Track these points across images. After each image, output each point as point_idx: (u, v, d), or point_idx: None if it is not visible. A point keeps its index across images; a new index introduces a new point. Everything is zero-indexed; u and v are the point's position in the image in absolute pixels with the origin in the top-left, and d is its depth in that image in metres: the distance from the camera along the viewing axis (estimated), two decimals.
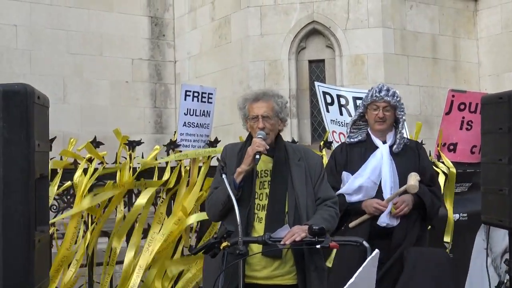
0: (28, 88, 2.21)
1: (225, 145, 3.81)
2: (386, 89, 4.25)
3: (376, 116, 4.24)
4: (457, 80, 10.16)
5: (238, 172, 3.46)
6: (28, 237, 2.20)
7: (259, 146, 3.43)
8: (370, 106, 4.27)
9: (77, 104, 10.60)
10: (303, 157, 3.63)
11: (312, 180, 3.59)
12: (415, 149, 4.40)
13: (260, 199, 3.51)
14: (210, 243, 3.17)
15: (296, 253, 3.42)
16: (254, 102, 3.60)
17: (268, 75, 9.72)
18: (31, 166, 2.21)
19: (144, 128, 11.08)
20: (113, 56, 11.00)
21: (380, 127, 4.26)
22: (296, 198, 3.48)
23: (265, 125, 3.54)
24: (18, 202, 2.19)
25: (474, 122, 5.55)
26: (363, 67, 9.44)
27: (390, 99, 4.22)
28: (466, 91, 5.83)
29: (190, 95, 4.96)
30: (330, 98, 5.65)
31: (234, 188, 3.39)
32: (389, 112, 4.25)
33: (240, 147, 3.67)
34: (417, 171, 4.22)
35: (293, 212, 3.46)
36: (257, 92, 3.68)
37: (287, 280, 3.46)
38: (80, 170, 4.48)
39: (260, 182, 3.54)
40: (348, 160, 4.31)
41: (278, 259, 3.43)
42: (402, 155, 4.27)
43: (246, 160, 3.46)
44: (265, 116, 3.55)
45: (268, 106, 3.57)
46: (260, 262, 3.44)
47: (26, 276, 2.20)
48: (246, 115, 3.63)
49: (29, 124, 2.20)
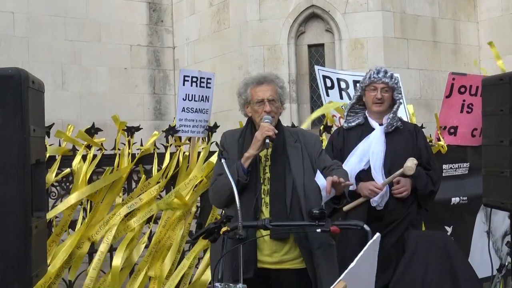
0: (22, 73, 2.18)
1: (224, 132, 3.78)
2: (384, 71, 4.25)
3: (374, 97, 4.23)
4: (457, 63, 10.11)
5: (246, 157, 3.44)
6: (25, 223, 2.18)
7: (269, 131, 3.42)
8: (368, 87, 4.27)
9: (76, 91, 10.57)
10: (300, 139, 3.63)
11: (311, 157, 3.59)
12: (413, 131, 4.39)
13: (264, 184, 3.51)
14: (210, 228, 3.14)
15: (298, 234, 3.42)
16: (257, 86, 3.58)
17: (267, 60, 9.68)
18: (26, 152, 2.18)
19: (143, 115, 11.06)
20: (111, 43, 10.95)
21: (378, 108, 4.25)
22: (293, 179, 3.47)
23: (271, 108, 3.53)
24: (14, 188, 2.17)
25: (474, 105, 5.52)
26: (363, 51, 9.39)
27: (388, 80, 4.22)
28: (466, 74, 5.79)
29: (188, 80, 4.92)
30: (330, 82, 5.62)
31: (243, 173, 3.39)
32: (387, 93, 4.24)
33: (240, 133, 3.65)
34: (413, 153, 4.22)
35: (290, 193, 3.46)
36: (259, 76, 3.65)
37: (297, 264, 3.47)
38: (79, 156, 4.45)
39: (263, 167, 3.54)
40: (344, 143, 4.31)
41: (286, 241, 3.44)
42: (396, 136, 4.27)
43: (254, 145, 3.44)
44: (270, 100, 3.54)
45: (272, 89, 3.57)
46: (270, 247, 3.45)
47: (23, 263, 2.18)
48: (248, 100, 3.60)
49: (23, 109, 2.17)
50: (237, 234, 3.05)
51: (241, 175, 3.38)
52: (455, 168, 5.67)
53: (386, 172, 4.18)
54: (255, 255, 3.42)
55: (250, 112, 3.63)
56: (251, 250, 3.40)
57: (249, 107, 3.62)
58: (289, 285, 3.39)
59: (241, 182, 3.39)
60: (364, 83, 4.30)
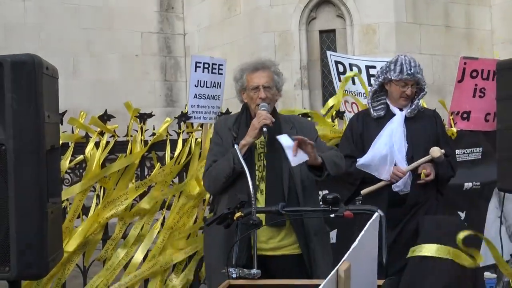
0: (36, 59, 2.18)
1: (219, 118, 3.77)
2: (414, 65, 4.13)
3: (403, 93, 4.15)
4: (470, 48, 10.03)
5: (243, 144, 3.42)
6: (41, 208, 2.19)
7: (266, 119, 3.39)
8: (397, 82, 4.15)
9: (87, 78, 10.59)
10: (295, 126, 3.61)
11: None
12: (432, 116, 4.37)
13: (259, 170, 3.50)
14: (223, 214, 3.14)
15: (295, 220, 3.41)
16: (253, 72, 3.55)
17: (279, 47, 9.65)
18: (41, 138, 2.19)
19: (154, 102, 11.06)
20: (122, 30, 10.95)
21: (406, 102, 4.20)
22: (290, 166, 3.44)
23: (266, 95, 3.50)
24: (30, 174, 2.18)
25: (487, 89, 5.48)
26: (375, 37, 9.34)
27: (420, 76, 4.15)
28: (478, 58, 5.74)
29: (200, 66, 4.91)
30: (342, 68, 5.59)
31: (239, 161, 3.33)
32: (414, 86, 4.17)
33: (235, 119, 3.64)
34: (434, 138, 4.20)
35: (287, 180, 3.46)
36: (255, 62, 3.63)
37: (293, 250, 3.48)
38: (92, 143, 4.46)
39: (258, 154, 3.53)
40: (364, 128, 4.26)
41: (281, 228, 3.44)
42: (417, 121, 4.24)
43: (251, 133, 3.43)
44: (266, 86, 3.51)
45: (268, 75, 3.54)
46: (265, 233, 3.45)
47: (40, 248, 2.19)
48: (244, 86, 3.58)
49: (38, 95, 2.17)
50: (250, 219, 3.06)
51: (237, 162, 3.33)
52: (467, 153, 5.65)
53: (408, 158, 4.16)
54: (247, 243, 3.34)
55: (245, 98, 3.61)
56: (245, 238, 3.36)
57: (245, 94, 3.60)
58: (285, 271, 3.35)
59: (237, 170, 3.36)
60: (393, 75, 4.15)
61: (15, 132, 2.16)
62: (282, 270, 3.38)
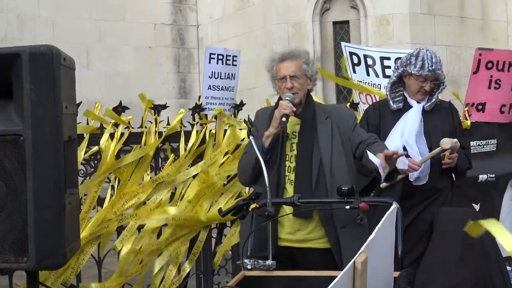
0: (54, 50, 2.19)
1: (257, 110, 3.78)
2: (436, 61, 4.07)
3: (422, 88, 4.10)
4: (485, 40, 9.96)
5: (266, 135, 3.42)
6: (58, 199, 2.20)
7: (286, 109, 3.37)
8: (417, 77, 4.09)
9: (101, 70, 10.63)
10: (331, 115, 3.56)
11: (342, 134, 3.51)
12: (448, 109, 4.34)
13: (290, 161, 3.48)
14: (239, 205, 3.15)
15: (323, 212, 3.39)
16: (281, 62, 3.53)
17: (292, 38, 9.62)
18: (59, 129, 2.20)
19: (167, 93, 11.08)
20: (135, 21, 10.97)
21: (423, 97, 4.16)
22: (320, 157, 3.44)
23: (293, 84, 3.48)
24: (48, 165, 2.18)
25: (502, 80, 5.44)
26: (389, 28, 9.29)
27: (440, 72, 4.10)
28: (493, 49, 5.70)
29: (214, 58, 4.91)
30: (357, 59, 5.57)
31: (262, 152, 3.35)
32: (433, 82, 4.12)
33: (270, 111, 3.62)
34: (451, 130, 4.19)
35: (317, 170, 3.43)
36: (284, 52, 3.60)
37: (322, 243, 3.44)
38: (107, 134, 4.48)
39: (291, 144, 3.51)
40: (381, 119, 4.23)
41: (310, 220, 3.42)
42: (434, 114, 4.21)
43: (273, 123, 3.41)
44: (292, 76, 3.48)
45: (295, 65, 3.50)
46: (293, 225, 3.43)
47: (57, 239, 2.21)
48: (274, 76, 3.58)
49: (56, 86, 2.18)
50: (266, 211, 3.06)
51: (260, 152, 3.32)
52: (482, 145, 5.62)
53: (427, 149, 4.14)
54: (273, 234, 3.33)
55: (277, 88, 3.60)
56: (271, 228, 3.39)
57: (276, 84, 3.60)
58: (314, 265, 3.29)
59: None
60: (413, 70, 4.09)
61: (34, 123, 2.16)
62: (311, 264, 3.34)
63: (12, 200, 2.22)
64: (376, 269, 2.13)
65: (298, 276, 2.76)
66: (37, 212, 2.18)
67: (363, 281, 1.98)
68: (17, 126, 2.20)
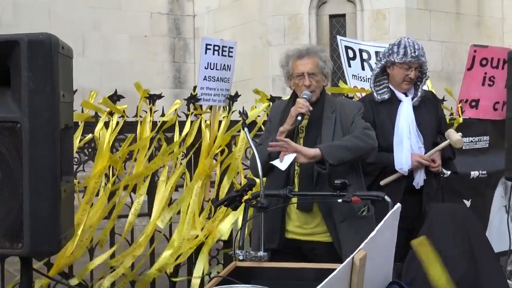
0: (52, 38, 2.20)
1: (272, 104, 3.80)
2: (418, 48, 4.06)
3: (407, 76, 4.08)
4: (480, 36, 9.99)
5: (281, 131, 3.43)
6: (54, 187, 2.22)
7: (302, 108, 3.39)
8: (401, 64, 4.08)
9: (96, 59, 10.61)
10: (337, 109, 3.57)
11: (345, 127, 3.53)
12: (432, 99, 4.36)
13: None
14: (232, 196, 3.17)
15: (323, 207, 3.42)
16: (298, 59, 3.54)
17: (288, 30, 9.63)
18: (56, 117, 2.21)
19: (162, 83, 11.08)
20: (131, 10, 10.95)
21: (408, 86, 4.15)
22: None
23: (311, 82, 3.50)
24: (44, 152, 2.20)
25: (496, 77, 5.47)
26: (385, 22, 9.31)
27: (423, 59, 4.09)
28: (488, 46, 5.73)
29: (210, 48, 4.91)
30: (352, 53, 5.58)
31: None
32: (417, 70, 4.12)
33: (284, 105, 3.65)
34: (436, 122, 4.23)
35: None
36: (301, 49, 3.60)
37: (325, 237, 3.48)
38: (101, 123, 4.48)
39: (298, 139, 3.53)
40: (374, 115, 4.18)
41: (315, 214, 3.45)
42: (422, 107, 4.21)
43: (289, 120, 3.44)
44: (311, 73, 3.50)
45: (313, 62, 3.51)
46: (299, 218, 3.48)
47: (53, 226, 2.22)
48: (290, 73, 3.57)
49: (54, 74, 2.19)
50: (259, 202, 3.08)
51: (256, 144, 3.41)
52: (475, 141, 5.65)
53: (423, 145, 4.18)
54: (280, 226, 3.43)
55: (292, 85, 3.61)
56: (278, 221, 3.43)
57: (292, 80, 3.60)
58: (322, 258, 3.34)
59: (273, 154, 3.39)
60: (396, 58, 4.08)
61: (31, 110, 2.18)
62: (318, 257, 3.39)
63: (8, 186, 2.24)
64: (374, 266, 2.16)
65: (289, 268, 2.78)
66: (33, 199, 2.19)
67: (360, 277, 2.01)
68: (14, 113, 2.21)
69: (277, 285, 2.49)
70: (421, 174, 4.13)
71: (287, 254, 3.32)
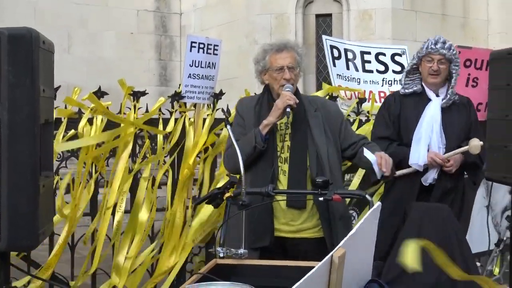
0: (33, 33, 2.19)
1: (240, 98, 3.78)
2: (443, 42, 4.20)
3: (430, 69, 4.19)
4: (465, 38, 10.05)
5: (265, 124, 3.42)
6: (33, 182, 2.20)
7: (290, 100, 3.39)
8: (425, 58, 4.23)
9: (82, 55, 10.57)
10: (319, 107, 3.61)
11: (334, 128, 3.57)
12: (467, 104, 4.41)
13: (282, 152, 3.50)
14: (214, 193, 3.17)
15: (319, 203, 3.41)
16: (277, 53, 3.54)
17: (275, 29, 9.64)
18: (36, 111, 2.20)
19: (148, 81, 11.06)
20: (118, 7, 10.92)
21: (434, 80, 4.23)
22: (317, 149, 3.47)
23: (291, 76, 3.51)
24: (24, 147, 2.18)
25: (480, 79, 5.50)
26: (371, 22, 9.34)
27: (446, 52, 4.18)
28: (472, 47, 5.77)
29: (195, 46, 4.91)
30: (337, 52, 5.60)
31: (261, 140, 3.39)
32: (444, 65, 4.21)
33: (257, 100, 3.64)
34: (467, 127, 4.28)
35: (315, 162, 3.46)
36: (278, 43, 3.61)
37: (315, 233, 3.49)
38: (85, 119, 4.46)
39: (280, 135, 3.53)
40: (401, 110, 4.29)
41: (303, 210, 3.46)
42: (452, 110, 4.28)
43: (274, 113, 3.42)
44: (290, 67, 3.51)
45: (292, 56, 3.53)
46: (287, 215, 3.47)
47: (31, 221, 2.21)
48: (267, 67, 3.57)
49: (34, 68, 2.18)
50: (240, 200, 3.08)
51: (259, 142, 3.38)
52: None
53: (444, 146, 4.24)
54: (271, 224, 3.43)
55: (267, 79, 3.60)
56: (268, 219, 3.42)
57: (266, 75, 3.59)
58: (306, 254, 3.37)
59: (258, 149, 3.39)
60: (421, 53, 4.26)
61: (10, 105, 2.16)
62: (303, 253, 3.41)
63: None
64: (354, 264, 2.16)
65: (270, 265, 2.78)
66: (11, 193, 2.18)
67: (339, 275, 2.01)
68: None
69: (257, 282, 2.48)
70: (433, 172, 4.20)
71: (273, 253, 3.32)
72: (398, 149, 4.20)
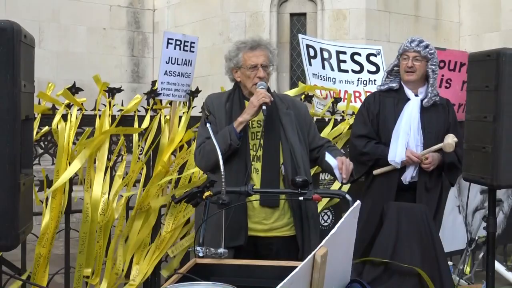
0: (15, 26, 2.14)
1: (209, 95, 3.74)
2: (419, 40, 4.31)
3: (405, 66, 4.29)
4: (437, 39, 10.15)
5: (239, 121, 3.41)
6: (13, 180, 2.15)
7: (266, 97, 3.39)
8: (402, 56, 4.34)
9: (53, 50, 10.43)
10: (290, 106, 3.63)
11: (303, 128, 3.60)
12: (445, 106, 4.46)
13: (254, 150, 3.49)
14: (193, 192, 3.14)
15: (292, 201, 3.43)
16: (251, 51, 3.53)
17: (249, 27, 9.62)
18: (17, 107, 2.15)
19: (120, 77, 10.96)
20: (91, 2, 10.79)
21: (409, 77, 4.30)
22: (290, 147, 3.47)
23: (264, 74, 3.50)
24: (4, 144, 2.13)
25: (453, 80, 5.56)
26: (345, 22, 9.38)
27: (421, 49, 4.27)
28: (445, 49, 5.82)
29: (172, 43, 4.85)
30: (313, 51, 5.61)
31: (236, 138, 3.37)
32: (419, 62, 4.28)
33: (227, 97, 3.62)
34: (445, 127, 4.33)
35: (289, 160, 3.45)
36: (252, 41, 3.59)
37: (286, 231, 3.49)
38: (59, 116, 4.39)
39: (252, 133, 3.52)
40: (380, 109, 4.36)
41: (275, 209, 3.45)
42: (432, 110, 4.34)
43: (249, 110, 3.41)
44: (264, 65, 3.50)
45: (265, 54, 3.53)
46: (260, 214, 3.46)
47: (11, 220, 2.16)
48: (239, 64, 3.55)
49: (15, 63, 2.13)
50: (220, 199, 3.06)
51: (234, 139, 3.36)
52: None
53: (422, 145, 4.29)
54: (246, 223, 3.42)
55: (239, 77, 3.58)
56: (242, 218, 3.41)
57: (238, 72, 3.57)
58: (277, 252, 3.40)
59: (233, 146, 3.37)
60: (399, 52, 4.38)
61: None
62: (274, 252, 3.42)
63: None
64: (335, 262, 2.16)
65: (249, 265, 2.77)
66: None
67: (322, 274, 2.01)
68: None
69: (237, 282, 2.47)
70: (411, 170, 4.25)
71: (247, 252, 3.32)
72: (375, 147, 4.29)
